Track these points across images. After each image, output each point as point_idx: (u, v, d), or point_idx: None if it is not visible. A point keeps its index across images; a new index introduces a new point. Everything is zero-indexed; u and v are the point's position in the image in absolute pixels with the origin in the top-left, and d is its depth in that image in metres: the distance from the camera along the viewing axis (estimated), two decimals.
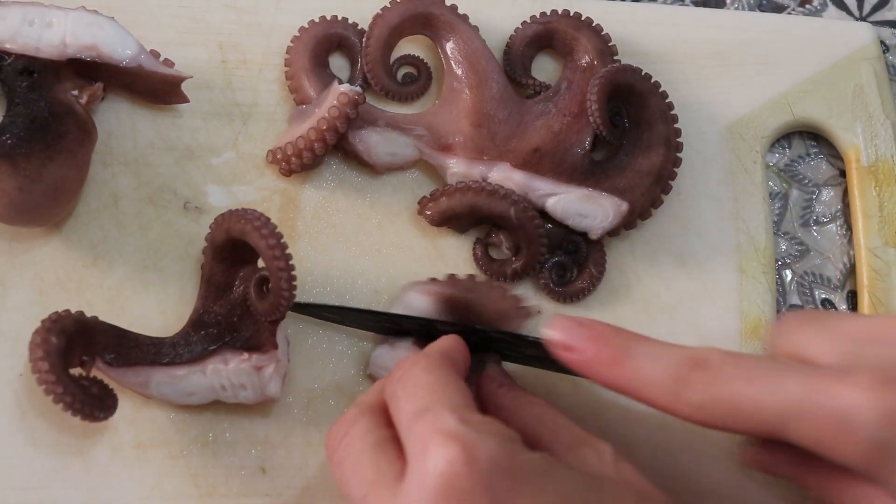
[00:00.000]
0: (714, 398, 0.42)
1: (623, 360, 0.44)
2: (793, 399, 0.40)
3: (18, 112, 0.52)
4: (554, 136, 0.59)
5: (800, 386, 0.40)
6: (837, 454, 0.40)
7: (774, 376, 0.41)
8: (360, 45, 0.61)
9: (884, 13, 0.71)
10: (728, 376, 0.42)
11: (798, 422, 0.40)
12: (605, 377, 0.45)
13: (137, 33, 0.56)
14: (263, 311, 0.52)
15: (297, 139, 0.57)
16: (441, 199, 0.58)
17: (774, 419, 0.41)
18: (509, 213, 0.57)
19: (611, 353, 0.45)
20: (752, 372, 0.42)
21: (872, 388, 0.39)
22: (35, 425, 0.53)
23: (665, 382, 0.43)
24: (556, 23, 0.62)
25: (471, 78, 0.60)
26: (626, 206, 0.58)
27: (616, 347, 0.45)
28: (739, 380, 0.42)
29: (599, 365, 0.45)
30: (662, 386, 0.43)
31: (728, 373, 0.42)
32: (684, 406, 0.43)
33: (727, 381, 0.42)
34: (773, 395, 0.41)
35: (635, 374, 0.44)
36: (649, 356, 0.44)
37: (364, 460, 0.42)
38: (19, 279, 0.55)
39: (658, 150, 0.59)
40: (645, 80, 0.60)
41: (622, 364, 0.44)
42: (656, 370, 0.44)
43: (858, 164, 0.64)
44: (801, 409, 0.40)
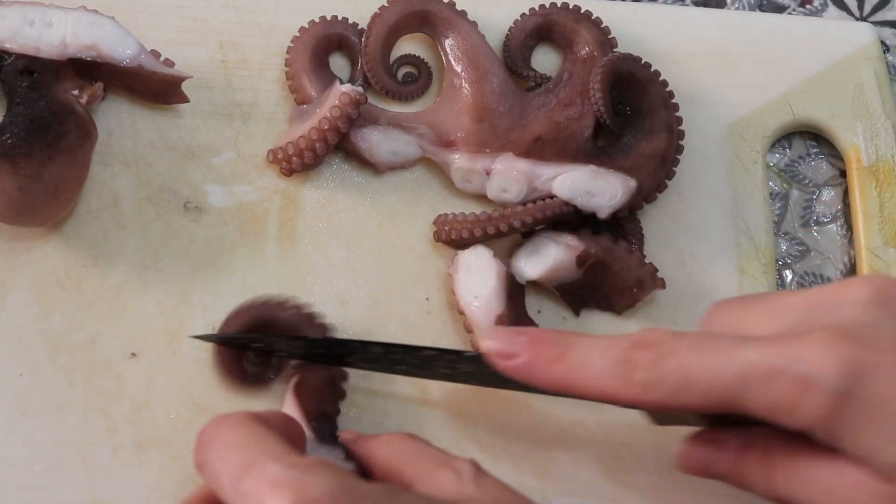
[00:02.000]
0: (664, 372, 0.41)
1: (564, 356, 0.43)
2: (750, 363, 0.39)
3: (18, 112, 0.52)
4: (556, 126, 0.59)
5: (756, 351, 0.40)
6: (797, 416, 0.39)
7: (728, 345, 0.40)
8: (360, 44, 0.61)
9: (884, 13, 0.71)
10: (678, 349, 0.41)
11: (757, 387, 0.39)
12: (548, 376, 0.44)
13: (137, 33, 0.56)
14: None
15: (298, 139, 0.57)
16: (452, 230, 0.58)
17: (731, 388, 0.40)
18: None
19: (551, 351, 0.44)
20: (704, 342, 0.41)
21: (829, 344, 0.39)
22: (35, 425, 0.53)
23: (611, 368, 0.42)
24: (555, 14, 0.62)
25: (471, 73, 0.60)
26: (634, 182, 0.57)
27: (556, 345, 0.44)
28: (692, 352, 0.41)
29: (541, 365, 0.44)
30: (608, 372, 0.42)
31: (677, 346, 0.41)
32: (634, 387, 0.41)
33: (677, 353, 0.41)
34: (730, 363, 0.40)
35: (579, 366, 0.43)
36: (591, 346, 0.43)
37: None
38: (19, 279, 0.55)
39: (661, 134, 0.59)
40: (645, 68, 0.60)
41: (564, 359, 0.43)
42: (600, 358, 0.43)
43: (859, 164, 0.64)
44: (760, 373, 0.39)
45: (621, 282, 0.57)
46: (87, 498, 0.52)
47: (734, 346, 0.40)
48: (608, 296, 0.58)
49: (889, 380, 0.38)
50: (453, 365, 0.51)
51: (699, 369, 0.40)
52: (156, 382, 0.54)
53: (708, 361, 0.40)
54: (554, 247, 0.57)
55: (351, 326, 0.57)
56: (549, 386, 0.44)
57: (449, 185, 0.61)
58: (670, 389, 0.41)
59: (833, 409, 0.39)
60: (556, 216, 0.57)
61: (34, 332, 0.55)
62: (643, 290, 0.57)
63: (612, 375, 0.42)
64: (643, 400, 0.42)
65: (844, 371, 0.38)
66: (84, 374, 0.54)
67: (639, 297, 0.58)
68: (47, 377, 0.54)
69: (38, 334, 0.55)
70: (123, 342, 0.55)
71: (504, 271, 0.56)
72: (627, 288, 0.57)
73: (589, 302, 0.59)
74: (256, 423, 0.41)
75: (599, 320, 0.59)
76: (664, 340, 0.42)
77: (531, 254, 0.57)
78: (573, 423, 0.57)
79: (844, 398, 0.38)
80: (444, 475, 0.42)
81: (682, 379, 0.41)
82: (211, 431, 0.41)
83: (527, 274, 0.57)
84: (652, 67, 0.60)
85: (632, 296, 0.58)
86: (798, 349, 0.39)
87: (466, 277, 0.56)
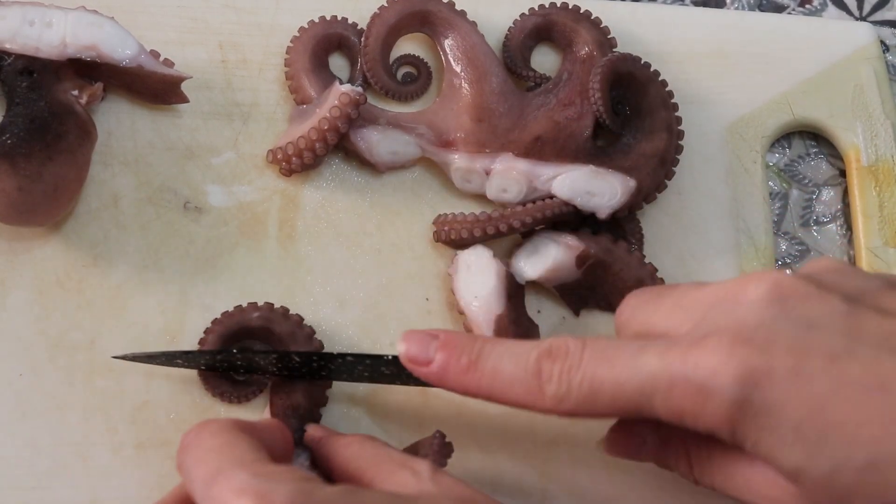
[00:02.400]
0: (573, 385, 0.42)
1: (477, 364, 0.44)
2: (652, 374, 0.40)
3: (18, 112, 0.52)
4: (555, 125, 0.59)
5: (657, 359, 0.40)
6: (701, 422, 0.40)
7: (631, 354, 0.41)
8: (359, 44, 0.61)
9: (884, 13, 0.71)
10: (585, 361, 0.42)
11: (659, 396, 0.40)
12: (462, 384, 0.44)
13: (137, 33, 0.56)
14: None
15: (298, 139, 0.57)
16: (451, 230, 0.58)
17: (635, 397, 0.40)
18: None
19: (464, 359, 0.44)
20: (608, 353, 0.42)
21: (726, 351, 0.39)
22: (35, 425, 0.53)
23: (524, 378, 0.43)
24: (555, 14, 0.62)
25: (470, 73, 0.60)
26: (633, 182, 0.57)
27: (469, 353, 0.44)
28: (596, 363, 0.42)
29: (454, 374, 0.44)
30: (521, 383, 0.43)
31: (585, 357, 0.42)
32: (546, 400, 0.42)
33: (584, 366, 0.42)
34: (632, 373, 0.41)
35: (492, 375, 0.43)
36: (503, 355, 0.44)
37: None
38: (19, 279, 0.55)
39: (661, 134, 0.59)
40: (645, 68, 0.60)
41: (477, 367, 0.44)
42: (512, 368, 0.43)
43: (858, 164, 0.64)
44: (661, 383, 0.40)
45: (621, 282, 0.57)
46: (87, 498, 0.52)
47: (635, 353, 0.41)
48: (608, 296, 0.58)
49: (784, 384, 0.38)
50: (376, 368, 0.51)
51: (603, 381, 0.41)
52: (156, 382, 0.55)
53: (610, 372, 0.41)
54: (554, 247, 0.57)
55: (351, 326, 0.57)
56: (463, 392, 0.45)
57: (449, 185, 0.61)
58: (579, 401, 0.42)
59: (732, 416, 0.39)
60: (555, 216, 0.57)
61: (34, 332, 0.55)
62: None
63: (523, 387, 0.43)
64: (556, 410, 0.43)
65: (740, 379, 0.39)
66: (84, 374, 0.54)
67: None
68: (47, 377, 0.54)
69: (38, 334, 0.55)
70: (123, 342, 0.55)
71: (504, 271, 0.56)
72: (627, 288, 0.57)
73: (589, 302, 0.59)
74: (237, 430, 0.42)
75: (599, 320, 0.59)
76: (570, 351, 0.42)
77: (531, 254, 0.57)
78: (573, 423, 0.57)
79: (742, 405, 0.39)
80: (403, 475, 0.43)
81: (588, 391, 0.41)
82: (193, 435, 0.42)
83: (526, 274, 0.57)
84: (652, 67, 0.60)
85: None
86: (695, 357, 0.40)
87: (466, 277, 0.56)
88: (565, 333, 0.57)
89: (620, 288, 0.57)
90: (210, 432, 0.42)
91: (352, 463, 0.46)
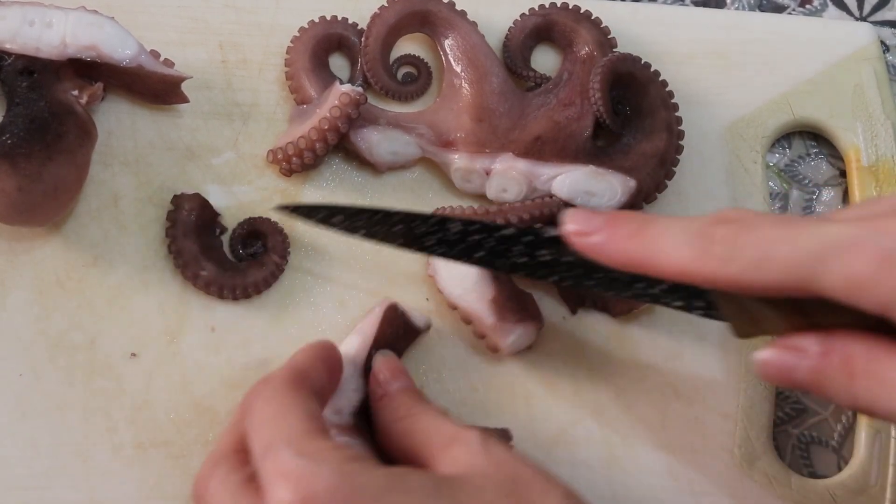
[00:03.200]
0: (743, 245, 0.40)
1: (643, 229, 0.43)
2: (834, 236, 0.38)
3: (18, 112, 0.52)
4: (555, 125, 0.59)
5: (841, 226, 0.39)
6: (879, 293, 0.37)
7: (812, 222, 0.40)
8: (359, 44, 0.61)
9: (884, 13, 0.71)
10: (759, 223, 0.40)
11: (838, 260, 0.38)
12: (626, 251, 0.43)
13: (137, 33, 0.56)
14: None
15: (298, 139, 0.57)
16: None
17: (811, 262, 0.38)
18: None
19: (631, 225, 0.43)
20: (786, 219, 0.40)
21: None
22: (35, 425, 0.53)
23: (689, 241, 0.41)
24: (555, 14, 0.62)
25: (470, 73, 0.60)
26: (633, 182, 0.57)
27: (635, 221, 0.43)
28: (772, 225, 0.40)
29: (618, 241, 0.43)
30: (686, 245, 0.41)
31: (758, 220, 0.41)
32: (711, 260, 0.41)
33: (757, 227, 0.40)
34: (809, 235, 0.39)
35: (657, 238, 0.42)
36: (670, 222, 0.43)
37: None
38: (19, 279, 0.55)
39: (661, 134, 0.59)
40: (645, 68, 0.60)
41: (642, 233, 0.43)
42: (679, 232, 0.42)
43: (859, 164, 0.64)
44: (844, 245, 0.38)
45: None
46: (87, 498, 0.52)
47: (816, 222, 0.40)
48: (605, 300, 0.58)
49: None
50: (532, 250, 0.48)
51: (778, 241, 0.39)
52: (156, 382, 0.55)
53: (788, 235, 0.39)
54: None
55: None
56: (626, 261, 0.43)
57: (449, 185, 0.61)
58: (747, 263, 0.40)
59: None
60: (553, 215, 0.57)
61: (34, 332, 0.55)
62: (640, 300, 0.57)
63: (689, 248, 0.41)
64: (720, 275, 0.41)
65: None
66: (84, 374, 0.54)
67: (635, 306, 0.58)
68: (47, 377, 0.54)
69: (38, 334, 0.55)
70: (123, 342, 0.55)
71: None
72: None
73: (585, 301, 0.59)
74: (291, 393, 0.43)
75: (597, 320, 0.59)
76: (745, 216, 0.41)
77: None
78: (573, 424, 0.57)
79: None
80: (453, 451, 0.43)
81: (760, 252, 0.40)
82: (251, 399, 0.44)
83: None
84: (652, 67, 0.60)
85: (628, 304, 0.58)
86: (881, 224, 0.38)
87: (447, 273, 0.56)
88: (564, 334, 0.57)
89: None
90: (265, 399, 0.43)
91: (404, 441, 0.46)
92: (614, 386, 0.58)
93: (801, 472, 0.58)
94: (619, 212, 0.45)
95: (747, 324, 0.45)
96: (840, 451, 0.59)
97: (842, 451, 0.59)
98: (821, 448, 0.59)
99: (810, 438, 0.59)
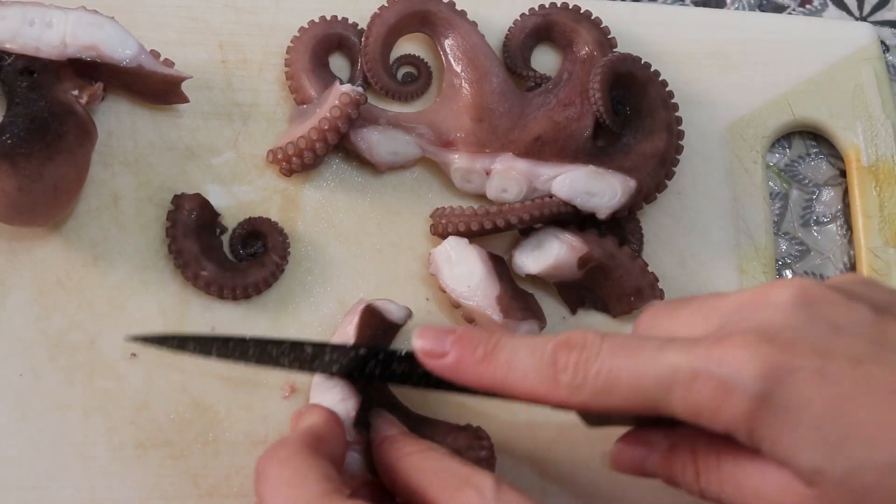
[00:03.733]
0: (589, 375, 0.41)
1: (493, 355, 0.44)
2: (673, 367, 0.40)
3: (18, 112, 0.52)
4: (555, 125, 0.59)
5: (680, 354, 0.40)
6: (720, 419, 0.39)
7: (652, 348, 0.41)
8: (360, 44, 0.61)
9: (884, 13, 0.71)
10: (604, 352, 0.41)
11: (679, 390, 0.39)
12: (477, 374, 0.44)
13: (137, 33, 0.56)
14: None
15: (298, 139, 0.57)
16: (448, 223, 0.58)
17: (654, 391, 0.40)
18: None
19: (480, 350, 0.44)
20: (628, 345, 0.41)
21: (751, 347, 0.39)
22: (35, 425, 0.53)
23: (537, 369, 0.42)
24: (555, 14, 0.63)
25: (470, 73, 0.60)
26: (634, 182, 0.57)
27: (484, 344, 0.44)
28: (615, 354, 0.41)
29: (469, 365, 0.44)
30: (535, 373, 0.43)
31: (604, 349, 0.42)
32: (560, 389, 0.42)
33: (603, 356, 0.41)
34: (652, 366, 0.40)
35: (507, 365, 0.43)
36: (519, 347, 0.44)
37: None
38: (19, 279, 0.55)
39: (661, 134, 0.59)
40: (645, 68, 0.60)
41: (492, 358, 0.44)
42: (527, 358, 0.43)
43: (859, 163, 0.64)
44: (682, 376, 0.39)
45: (620, 288, 0.57)
46: (87, 498, 0.52)
47: (657, 348, 0.41)
48: (605, 300, 0.58)
49: (807, 383, 0.38)
50: (387, 365, 0.50)
51: (621, 372, 0.41)
52: (156, 382, 0.55)
53: (630, 364, 0.41)
54: (557, 245, 0.57)
55: None
56: (478, 385, 0.45)
57: (449, 185, 0.61)
58: (594, 391, 0.41)
59: (753, 412, 0.39)
60: (553, 215, 0.57)
61: (34, 332, 0.55)
62: (641, 300, 0.57)
63: (538, 377, 0.43)
64: (569, 402, 0.42)
65: (764, 375, 0.38)
66: (84, 374, 0.54)
67: (636, 305, 0.58)
68: (47, 377, 0.54)
69: (38, 334, 0.55)
70: (123, 342, 0.55)
71: (484, 253, 0.56)
72: (625, 295, 0.57)
73: (586, 302, 0.59)
74: (306, 456, 0.42)
75: (597, 320, 0.59)
76: (589, 342, 0.42)
77: (534, 248, 0.57)
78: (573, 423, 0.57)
79: (764, 402, 0.38)
80: (466, 495, 0.42)
81: (604, 382, 0.41)
82: (264, 463, 0.43)
83: (528, 268, 0.57)
84: (652, 67, 0.60)
85: (629, 304, 0.58)
86: (719, 353, 0.39)
87: (451, 270, 0.56)
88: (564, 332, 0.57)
89: (619, 294, 0.57)
90: (279, 461, 0.42)
91: (413, 477, 0.45)
92: None
93: None
94: (467, 331, 0.45)
95: (596, 417, 0.46)
96: None
97: None
98: None
99: None
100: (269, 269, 0.57)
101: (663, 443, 0.46)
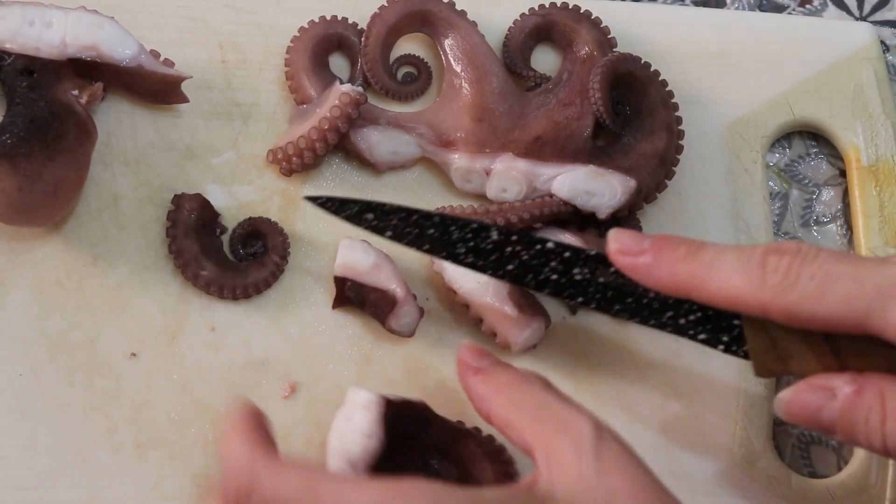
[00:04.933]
0: (802, 276, 0.39)
1: (697, 253, 0.42)
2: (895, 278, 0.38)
3: (18, 112, 0.52)
4: (555, 125, 0.59)
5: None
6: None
7: (876, 260, 0.39)
8: (360, 44, 0.61)
9: (884, 13, 0.71)
10: (823, 256, 0.40)
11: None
12: (672, 273, 0.42)
13: (137, 33, 0.56)
14: None
15: (298, 139, 0.57)
16: None
17: (872, 299, 0.38)
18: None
19: (683, 249, 0.43)
20: (850, 255, 0.40)
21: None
22: (35, 425, 0.53)
23: (746, 268, 0.41)
24: (555, 14, 0.63)
25: (470, 73, 0.60)
26: (634, 182, 0.57)
27: (688, 245, 0.43)
28: (834, 260, 0.40)
29: (668, 263, 0.43)
30: (742, 272, 0.41)
31: (821, 255, 0.40)
32: (766, 289, 0.40)
33: (820, 260, 0.40)
34: (876, 274, 0.38)
35: (711, 263, 0.42)
36: (726, 249, 0.42)
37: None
38: (19, 279, 0.55)
39: (661, 134, 0.59)
40: (645, 68, 0.60)
41: (695, 257, 0.42)
42: (734, 259, 0.41)
43: (859, 163, 0.64)
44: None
45: None
46: (87, 498, 0.52)
47: (881, 261, 0.39)
48: None
49: None
50: (569, 267, 0.47)
51: (841, 276, 0.39)
52: (156, 382, 0.55)
53: (851, 270, 0.39)
54: None
55: (351, 326, 0.57)
56: (673, 285, 0.43)
57: (449, 185, 0.61)
58: (803, 295, 0.39)
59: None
60: (553, 214, 0.57)
61: (34, 332, 0.55)
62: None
63: (744, 276, 0.41)
64: (772, 304, 0.40)
65: None
66: (84, 374, 0.54)
67: None
68: (47, 377, 0.54)
69: (38, 334, 0.55)
70: (123, 342, 0.55)
71: None
72: None
73: None
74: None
75: (597, 320, 0.59)
76: (804, 248, 0.41)
77: None
78: None
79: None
80: (561, 445, 0.40)
81: (818, 284, 0.39)
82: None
83: None
84: (652, 67, 0.60)
85: None
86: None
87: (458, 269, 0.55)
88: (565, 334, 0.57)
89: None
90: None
91: (511, 412, 0.43)
92: (614, 386, 0.58)
93: (801, 472, 0.58)
94: (666, 235, 0.44)
95: (773, 361, 0.44)
96: (840, 450, 0.59)
97: (841, 451, 0.59)
98: (821, 448, 0.59)
99: (810, 438, 0.59)
100: (269, 269, 0.57)
101: (847, 387, 0.41)
